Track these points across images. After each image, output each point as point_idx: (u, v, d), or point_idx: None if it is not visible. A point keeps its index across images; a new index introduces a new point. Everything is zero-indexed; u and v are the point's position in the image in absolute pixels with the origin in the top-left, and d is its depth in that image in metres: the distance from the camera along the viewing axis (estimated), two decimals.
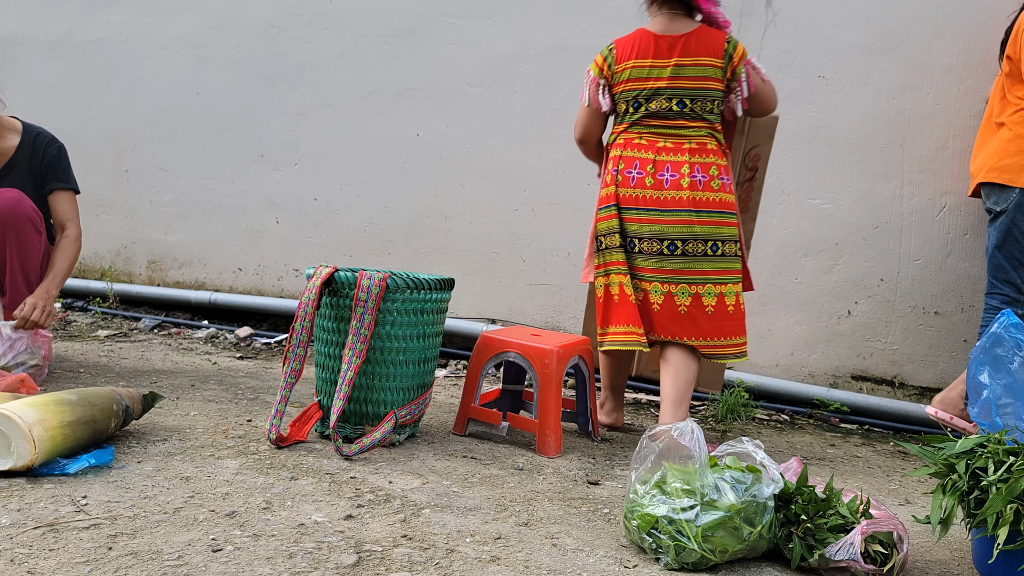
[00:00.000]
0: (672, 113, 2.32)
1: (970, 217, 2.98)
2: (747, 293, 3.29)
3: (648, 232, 2.29)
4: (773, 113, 2.49)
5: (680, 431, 1.54)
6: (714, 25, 2.38)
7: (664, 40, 2.33)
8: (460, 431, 2.28)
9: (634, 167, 2.31)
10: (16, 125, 2.65)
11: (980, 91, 2.95)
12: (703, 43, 2.32)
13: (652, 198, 2.28)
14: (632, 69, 2.34)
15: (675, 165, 2.28)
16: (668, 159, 2.29)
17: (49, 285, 2.47)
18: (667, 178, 2.28)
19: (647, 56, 2.33)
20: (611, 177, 2.35)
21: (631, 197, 2.31)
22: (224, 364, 3.08)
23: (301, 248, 3.93)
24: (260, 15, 3.95)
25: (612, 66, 2.38)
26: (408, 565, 1.36)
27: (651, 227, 2.29)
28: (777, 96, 2.45)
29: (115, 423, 1.85)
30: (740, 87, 2.35)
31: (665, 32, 2.34)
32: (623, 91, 2.37)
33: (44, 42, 4.36)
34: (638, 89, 2.34)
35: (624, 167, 2.32)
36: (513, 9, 3.55)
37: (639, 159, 2.31)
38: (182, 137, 4.13)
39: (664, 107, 2.31)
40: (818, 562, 1.47)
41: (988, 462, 1.42)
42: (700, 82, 2.31)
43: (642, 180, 2.29)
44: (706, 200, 2.28)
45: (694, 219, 2.27)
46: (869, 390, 3.11)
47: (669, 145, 2.30)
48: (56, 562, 1.25)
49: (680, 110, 2.31)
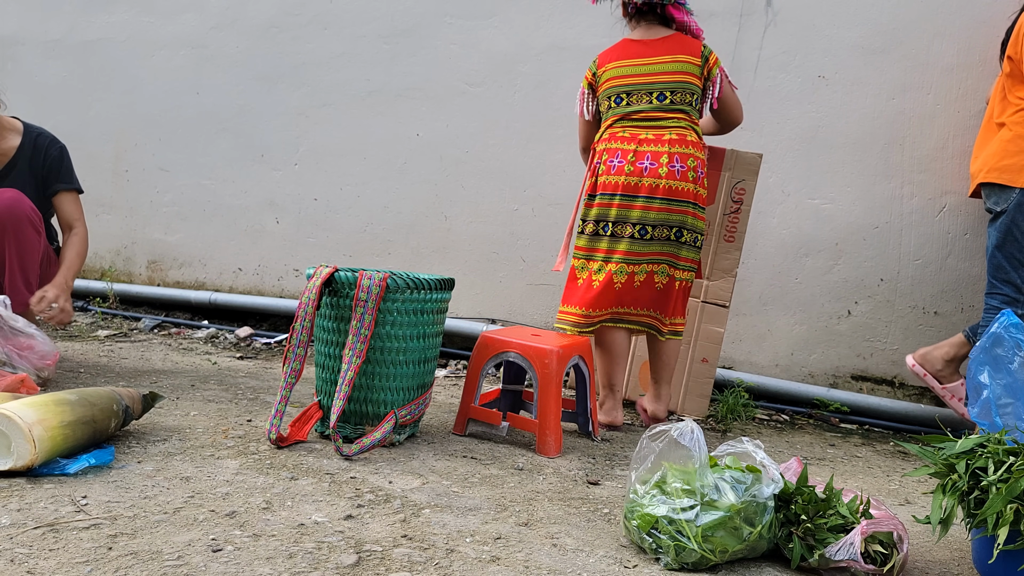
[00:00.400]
0: (652, 107, 2.47)
1: (970, 217, 2.98)
2: (747, 293, 3.31)
3: (623, 217, 2.44)
4: (740, 124, 2.67)
5: (680, 431, 1.54)
6: (688, 33, 2.58)
7: (644, 43, 2.52)
8: (460, 431, 2.28)
9: (616, 156, 2.45)
10: (17, 126, 2.65)
11: (980, 91, 2.95)
12: (681, 44, 2.51)
13: (631, 184, 2.42)
14: (614, 68, 2.52)
15: (655, 155, 2.41)
16: (648, 149, 2.42)
17: (66, 275, 2.53)
18: (646, 166, 2.41)
19: (627, 57, 2.51)
20: (591, 169, 2.52)
21: (611, 184, 2.44)
22: (224, 364, 3.08)
23: (301, 248, 3.93)
24: (260, 15, 3.95)
25: (596, 72, 2.58)
26: (408, 565, 1.36)
27: (627, 212, 2.43)
28: (742, 109, 2.65)
29: (115, 423, 1.85)
30: (713, 87, 2.53)
31: (644, 38, 2.53)
32: (606, 89, 2.54)
33: (44, 42, 4.36)
34: (620, 85, 2.52)
35: (607, 158, 2.47)
36: (513, 9, 3.55)
37: (621, 149, 2.45)
38: (182, 137, 4.13)
39: (645, 100, 2.47)
40: (818, 562, 1.47)
41: (988, 462, 1.42)
42: (679, 76, 2.47)
43: (622, 168, 2.43)
44: (681, 190, 2.42)
45: (671, 207, 2.42)
46: (869, 390, 3.11)
47: (650, 136, 2.44)
48: (56, 562, 1.25)
49: (660, 103, 2.47)
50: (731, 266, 2.88)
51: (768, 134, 3.19)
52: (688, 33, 2.57)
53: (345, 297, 2.03)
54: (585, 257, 2.54)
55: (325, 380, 2.09)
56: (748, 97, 3.19)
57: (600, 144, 2.52)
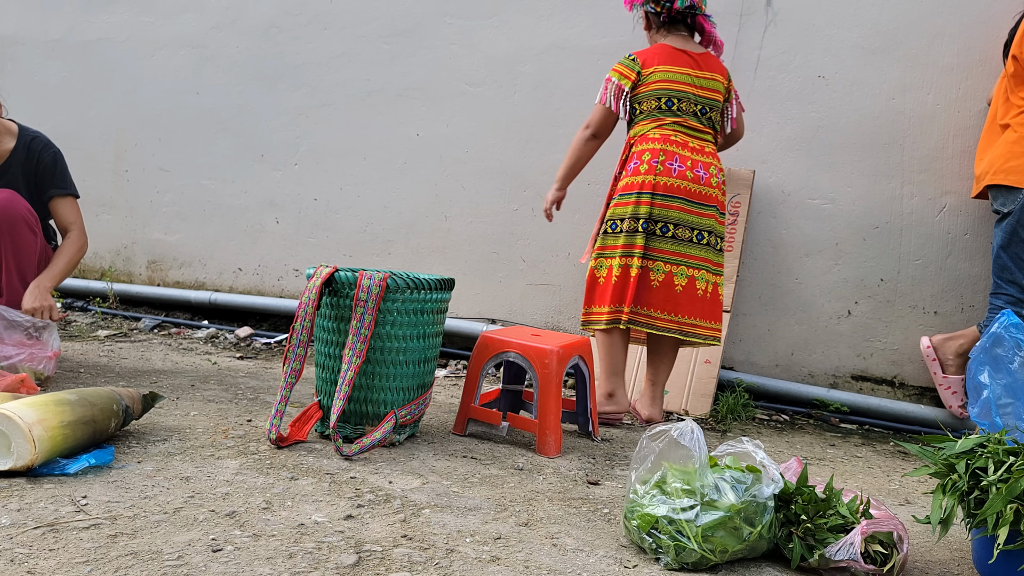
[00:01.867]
0: (696, 118, 2.61)
1: (970, 217, 2.98)
2: (747, 293, 3.31)
3: (683, 220, 2.53)
4: (741, 138, 2.88)
5: (680, 431, 1.54)
6: (713, 45, 2.74)
7: (688, 54, 2.62)
8: (460, 431, 2.28)
9: (675, 160, 2.54)
10: (12, 128, 2.62)
11: (980, 91, 2.95)
12: (714, 63, 2.67)
13: (692, 191, 2.53)
14: (662, 72, 2.59)
15: (705, 165, 2.57)
16: (700, 159, 2.56)
17: (41, 279, 2.46)
18: (702, 175, 2.56)
19: (676, 64, 2.60)
20: (648, 167, 2.53)
21: (673, 187, 2.52)
22: (224, 364, 3.08)
23: (301, 248, 3.93)
24: (260, 15, 3.95)
25: (640, 72, 2.62)
26: (408, 565, 1.36)
27: (687, 216, 2.54)
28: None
29: (115, 423, 1.85)
30: (731, 107, 2.73)
31: (685, 48, 2.65)
32: (654, 89, 2.59)
33: (44, 42, 4.36)
34: (672, 89, 2.58)
35: (665, 159, 2.52)
36: (513, 9, 3.55)
37: (679, 155, 2.54)
38: (182, 137, 4.13)
39: (692, 110, 2.60)
40: (818, 562, 1.47)
41: (988, 462, 1.42)
42: (715, 94, 2.64)
43: (683, 173, 2.53)
44: (720, 200, 2.61)
45: (716, 215, 2.59)
46: (869, 390, 3.11)
47: (697, 146, 2.58)
48: (56, 562, 1.25)
49: (701, 116, 2.62)
50: (731, 273, 3.05)
51: (768, 134, 3.19)
52: (715, 47, 2.74)
53: (345, 297, 2.03)
54: (640, 255, 2.52)
55: (325, 380, 2.09)
56: (748, 97, 3.19)
57: (650, 143, 2.55)
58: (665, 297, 2.51)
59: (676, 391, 2.94)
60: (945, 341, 2.85)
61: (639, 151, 2.56)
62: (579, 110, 3.42)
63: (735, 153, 3.19)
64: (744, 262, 3.20)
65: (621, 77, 2.63)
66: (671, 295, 2.52)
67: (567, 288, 3.46)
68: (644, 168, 2.53)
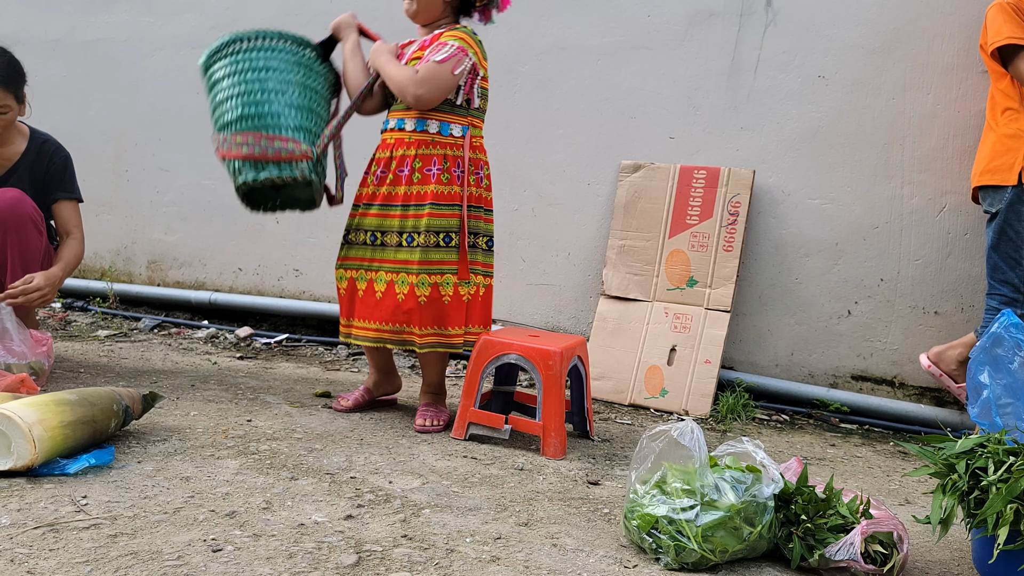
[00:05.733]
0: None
1: (970, 217, 2.98)
2: (747, 293, 3.31)
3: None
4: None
5: (680, 431, 1.54)
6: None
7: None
8: (460, 435, 2.25)
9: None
10: (24, 130, 2.65)
11: (980, 91, 2.95)
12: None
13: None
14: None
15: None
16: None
17: (62, 269, 2.52)
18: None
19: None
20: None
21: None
22: (224, 364, 3.08)
23: (301, 248, 3.93)
24: (260, 15, 3.95)
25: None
26: (408, 565, 1.36)
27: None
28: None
29: (115, 423, 1.85)
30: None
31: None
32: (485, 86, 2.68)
33: (44, 42, 4.36)
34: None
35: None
36: (513, 9, 3.53)
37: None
38: (182, 137, 4.13)
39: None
40: (818, 562, 1.47)
41: (988, 462, 1.42)
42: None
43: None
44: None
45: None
46: (869, 390, 3.11)
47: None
48: (56, 562, 1.25)
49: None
50: (730, 274, 3.03)
51: (768, 134, 3.19)
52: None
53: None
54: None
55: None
56: (748, 97, 3.19)
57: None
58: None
59: (676, 391, 2.94)
60: (942, 354, 2.80)
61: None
62: (579, 110, 3.42)
63: (735, 153, 3.19)
64: (744, 262, 3.20)
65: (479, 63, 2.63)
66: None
67: (567, 288, 3.46)
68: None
